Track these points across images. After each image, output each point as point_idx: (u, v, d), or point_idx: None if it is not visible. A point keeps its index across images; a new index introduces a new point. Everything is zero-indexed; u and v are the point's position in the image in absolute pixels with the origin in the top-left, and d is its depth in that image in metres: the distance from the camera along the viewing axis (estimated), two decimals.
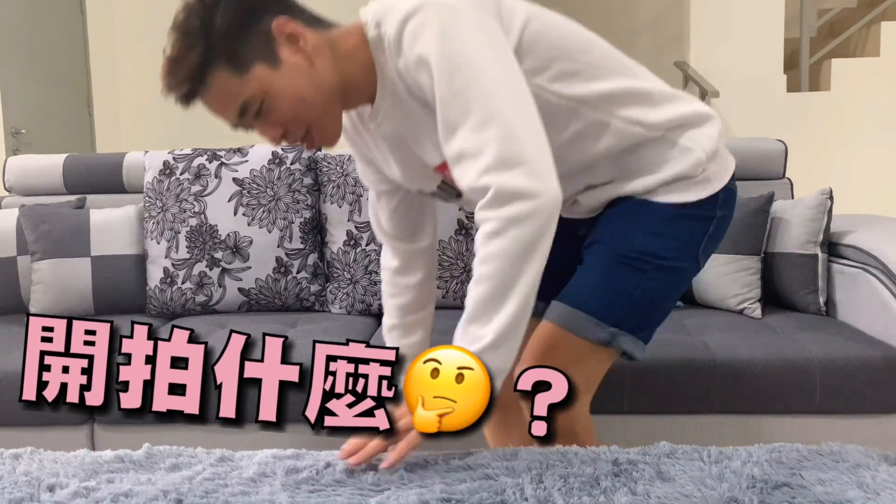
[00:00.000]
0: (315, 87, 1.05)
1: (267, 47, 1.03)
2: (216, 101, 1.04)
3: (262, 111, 1.04)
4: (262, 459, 1.02)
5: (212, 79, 1.02)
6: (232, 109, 1.04)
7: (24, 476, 0.97)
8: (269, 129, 1.06)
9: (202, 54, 1.01)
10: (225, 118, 1.06)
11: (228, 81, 1.02)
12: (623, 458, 0.97)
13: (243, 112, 1.03)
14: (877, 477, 0.88)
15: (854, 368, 1.66)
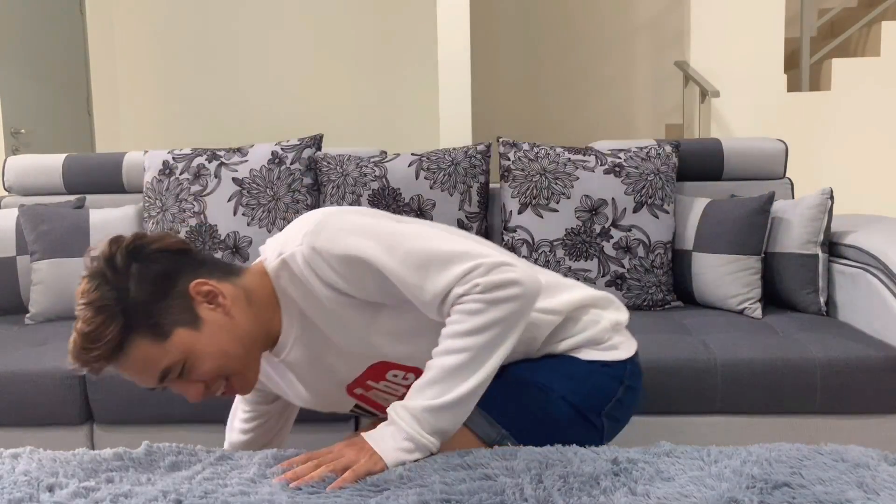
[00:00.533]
0: (237, 340, 1.06)
1: (186, 310, 1.04)
2: (135, 367, 1.02)
3: (183, 372, 1.03)
4: (262, 459, 1.02)
5: (131, 348, 1.01)
6: (152, 374, 1.02)
7: (23, 476, 0.97)
8: (190, 387, 1.04)
9: (121, 328, 1.00)
10: (142, 382, 1.04)
11: (149, 350, 1.01)
12: (623, 457, 0.96)
13: (164, 376, 1.03)
14: (877, 477, 0.88)
15: (854, 368, 1.66)
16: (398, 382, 1.18)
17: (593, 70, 5.46)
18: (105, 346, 0.99)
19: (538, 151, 2.20)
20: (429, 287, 1.03)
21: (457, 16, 3.76)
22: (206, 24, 5.14)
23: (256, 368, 1.10)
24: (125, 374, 1.04)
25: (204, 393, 1.06)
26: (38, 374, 1.75)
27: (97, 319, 0.99)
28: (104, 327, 0.99)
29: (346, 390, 1.19)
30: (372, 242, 1.04)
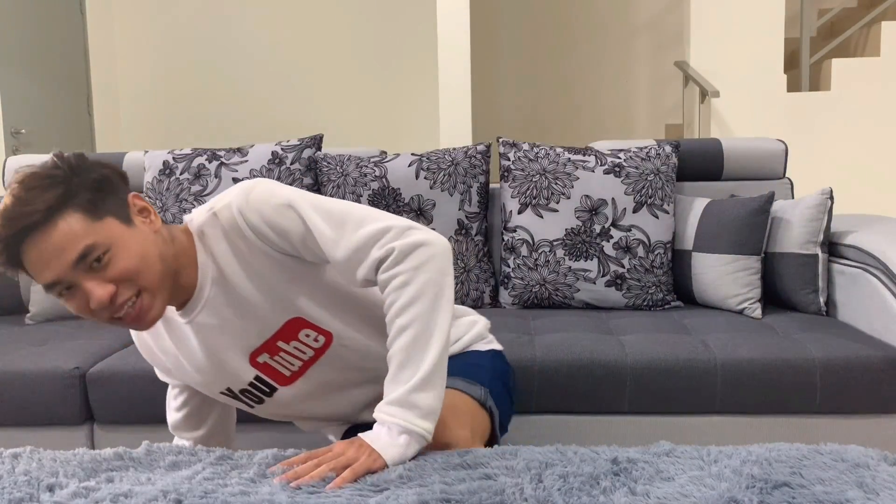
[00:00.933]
0: (157, 256, 1.09)
1: (121, 207, 1.08)
2: (58, 242, 1.01)
3: (101, 260, 1.03)
4: (262, 459, 1.02)
5: (61, 219, 1.01)
6: (73, 251, 1.01)
7: (23, 476, 0.97)
8: (99, 287, 1.03)
9: (61, 194, 1.02)
10: (59, 261, 1.02)
11: (79, 224, 1.02)
12: (623, 456, 0.96)
13: (84, 256, 1.02)
14: (877, 477, 0.88)
15: (854, 368, 1.66)
16: (308, 343, 1.20)
17: (593, 70, 5.46)
18: (42, 205, 1.00)
19: (538, 151, 2.20)
20: (344, 243, 1.09)
21: (457, 16, 3.76)
22: (206, 25, 5.14)
23: (163, 300, 1.11)
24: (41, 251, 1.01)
25: (111, 299, 1.04)
26: (38, 374, 1.75)
27: (40, 182, 1.02)
28: (44, 189, 1.01)
29: (250, 358, 1.20)
30: (299, 198, 1.12)
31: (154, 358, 1.31)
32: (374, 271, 1.09)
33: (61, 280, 1.03)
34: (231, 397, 1.28)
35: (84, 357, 1.81)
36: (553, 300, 2.13)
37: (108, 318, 1.08)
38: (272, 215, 1.12)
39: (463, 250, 2.18)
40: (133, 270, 1.05)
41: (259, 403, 1.28)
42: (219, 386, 1.26)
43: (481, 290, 2.20)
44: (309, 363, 1.22)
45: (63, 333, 2.02)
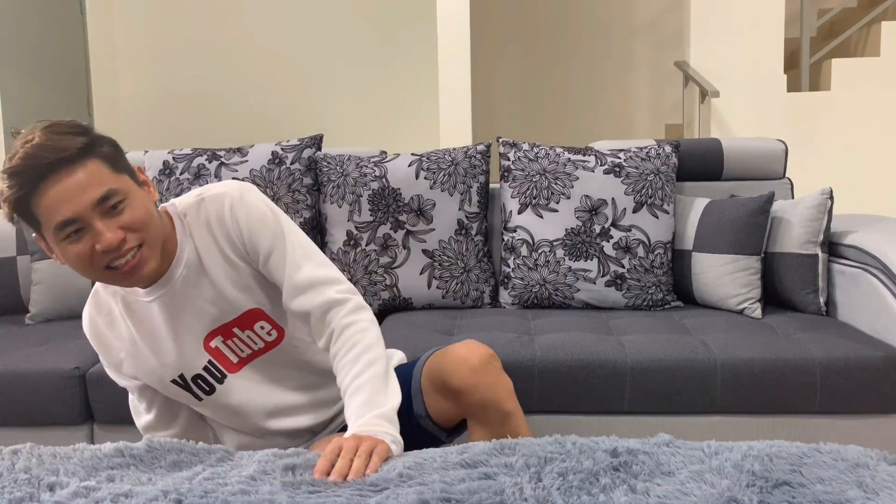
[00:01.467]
0: (156, 217, 1.19)
1: (132, 172, 1.19)
2: (84, 179, 1.09)
3: (118, 206, 1.12)
4: (263, 458, 1.02)
5: (88, 163, 1.10)
6: (96, 191, 1.09)
7: (23, 473, 0.97)
8: (112, 231, 1.11)
9: (89, 141, 1.11)
10: (82, 199, 1.09)
11: (103, 170, 1.11)
12: (622, 447, 0.96)
13: (105, 198, 1.10)
14: (876, 477, 0.88)
15: (854, 368, 1.66)
16: (261, 335, 1.29)
17: (593, 70, 5.46)
18: (73, 146, 1.08)
19: (538, 151, 2.20)
20: (306, 271, 1.22)
21: (457, 16, 3.76)
22: (206, 24, 5.14)
23: (157, 257, 1.19)
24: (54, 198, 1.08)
25: (118, 242, 1.11)
26: (38, 374, 1.75)
27: (69, 129, 1.10)
28: (75, 135, 1.10)
29: (204, 342, 1.28)
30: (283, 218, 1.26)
31: (107, 349, 1.32)
32: (323, 307, 1.22)
33: (78, 218, 1.09)
34: (182, 387, 1.31)
35: (84, 357, 1.81)
36: (553, 300, 2.13)
37: (105, 266, 1.13)
38: (257, 221, 1.23)
39: (463, 250, 2.18)
40: (143, 221, 1.14)
41: (209, 394, 1.32)
42: (172, 372, 1.30)
43: (481, 290, 2.20)
44: (257, 353, 1.30)
45: (63, 333, 2.02)
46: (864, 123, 4.11)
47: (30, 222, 1.12)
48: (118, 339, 1.31)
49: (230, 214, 1.23)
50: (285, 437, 1.36)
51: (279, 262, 1.23)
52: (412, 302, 2.18)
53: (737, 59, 4.14)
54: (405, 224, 2.17)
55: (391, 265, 2.16)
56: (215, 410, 1.35)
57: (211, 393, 1.32)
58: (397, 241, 2.17)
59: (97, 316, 1.31)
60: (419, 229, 2.17)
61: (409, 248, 2.17)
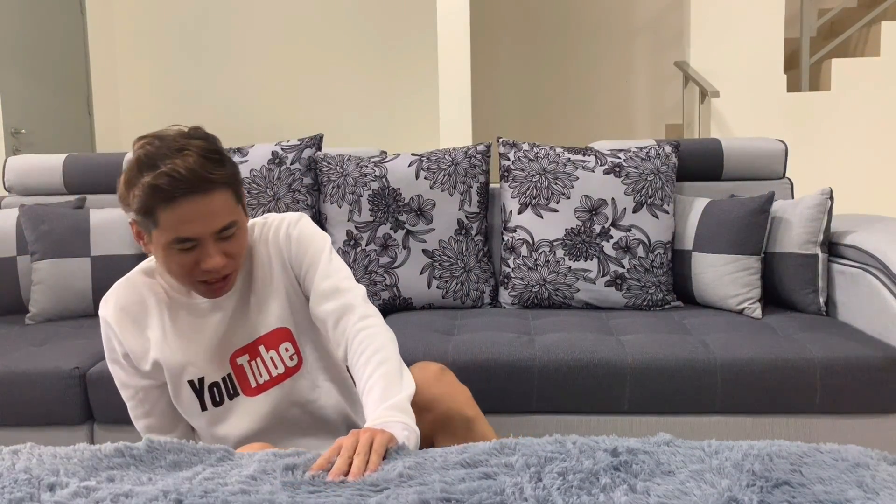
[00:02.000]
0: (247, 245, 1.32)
1: (243, 201, 1.29)
2: (216, 207, 1.19)
3: (232, 235, 1.22)
4: (263, 458, 1.02)
5: (220, 193, 1.20)
6: (223, 219, 1.20)
7: (23, 473, 0.97)
8: (219, 256, 1.21)
9: (231, 174, 1.22)
10: (209, 224, 1.19)
11: (229, 202, 1.22)
12: (622, 447, 0.96)
13: (228, 227, 1.21)
14: (876, 477, 0.88)
15: (854, 368, 1.66)
16: (284, 359, 1.35)
17: (593, 70, 5.47)
18: (218, 178, 1.18)
19: (538, 151, 2.20)
20: (332, 281, 1.31)
21: (457, 16, 3.76)
22: (206, 25, 5.14)
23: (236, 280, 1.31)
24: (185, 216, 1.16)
25: (222, 267, 1.22)
26: (38, 374, 1.75)
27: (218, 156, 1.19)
28: (221, 164, 1.19)
29: (231, 357, 1.33)
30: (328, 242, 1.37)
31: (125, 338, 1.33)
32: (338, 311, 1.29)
33: (198, 238, 1.19)
34: (195, 391, 1.33)
35: (84, 357, 1.81)
36: (553, 300, 2.13)
37: (200, 278, 1.23)
38: (308, 238, 1.35)
39: (463, 250, 2.18)
40: (243, 250, 1.26)
41: (217, 405, 1.34)
42: (194, 373, 1.32)
43: (481, 290, 2.20)
44: (276, 381, 1.34)
45: (63, 333, 2.02)
46: (864, 123, 4.11)
47: (147, 220, 1.18)
48: (146, 329, 1.32)
49: (286, 231, 1.34)
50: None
51: (313, 272, 1.32)
52: (412, 302, 2.18)
53: (737, 59, 4.15)
54: (405, 224, 2.17)
55: (391, 265, 2.16)
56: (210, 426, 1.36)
57: (219, 405, 1.34)
58: (397, 241, 2.17)
59: (128, 304, 1.33)
60: (419, 229, 2.17)
61: (409, 248, 2.17)
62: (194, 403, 1.34)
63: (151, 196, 1.14)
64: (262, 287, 1.34)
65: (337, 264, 1.34)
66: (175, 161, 1.14)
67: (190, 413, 1.36)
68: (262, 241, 1.35)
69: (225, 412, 1.34)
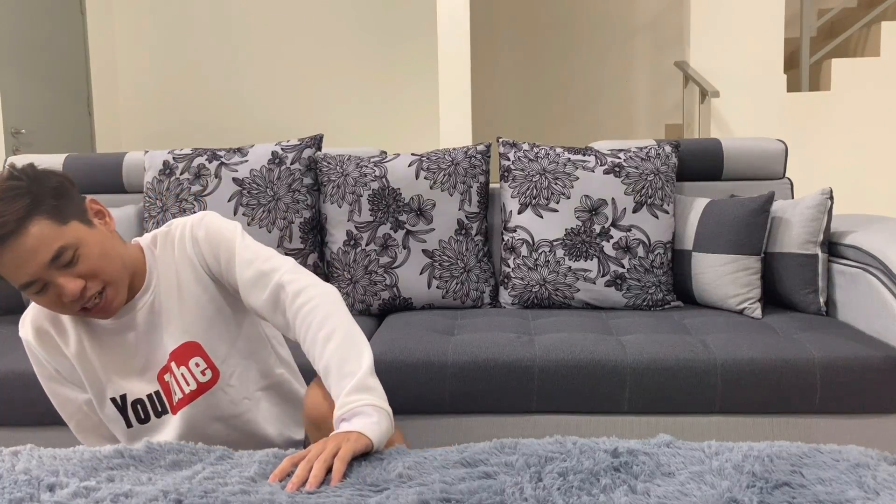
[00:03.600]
0: (115, 252, 1.21)
1: (81, 211, 1.19)
2: (31, 246, 1.10)
3: (73, 260, 1.14)
4: (262, 458, 1.02)
5: (32, 226, 1.10)
6: (46, 253, 1.11)
7: (23, 475, 0.97)
8: (71, 281, 1.13)
9: (28, 204, 1.10)
10: (34, 263, 1.11)
11: (48, 229, 1.11)
12: (623, 448, 0.96)
13: (57, 256, 1.12)
14: (877, 477, 0.88)
15: (854, 368, 1.66)
16: (195, 374, 1.29)
17: (593, 70, 5.46)
18: (11, 217, 1.08)
19: (538, 151, 2.20)
20: (253, 267, 1.25)
21: (457, 16, 3.76)
22: (206, 24, 5.14)
23: (124, 291, 1.23)
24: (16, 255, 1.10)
25: (81, 292, 1.15)
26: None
27: (6, 195, 1.09)
28: (12, 200, 1.09)
29: (158, 373, 1.29)
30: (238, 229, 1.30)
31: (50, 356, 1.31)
32: (272, 297, 1.23)
33: (37, 279, 1.13)
34: (119, 409, 1.31)
35: None
36: (553, 300, 2.13)
37: (79, 310, 1.18)
38: (215, 234, 1.28)
39: (463, 250, 2.18)
40: (99, 266, 1.16)
41: (143, 422, 1.31)
42: (115, 390, 1.29)
43: (481, 290, 2.20)
44: (189, 398, 1.29)
45: None
46: (864, 123, 4.11)
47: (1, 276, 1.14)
48: (65, 346, 1.30)
49: (190, 235, 1.28)
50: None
51: (232, 265, 1.26)
52: (412, 302, 2.18)
53: (737, 59, 4.14)
54: (405, 224, 2.17)
55: (391, 265, 2.16)
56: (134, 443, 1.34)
57: (145, 422, 1.31)
58: (397, 241, 2.17)
59: (43, 320, 1.31)
60: (419, 229, 2.17)
61: (409, 248, 2.17)
62: (119, 420, 1.31)
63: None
64: (168, 300, 1.28)
65: (253, 249, 1.27)
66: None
67: (115, 429, 1.33)
68: (167, 251, 1.30)
69: (149, 430, 1.31)
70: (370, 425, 1.03)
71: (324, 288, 1.21)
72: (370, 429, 1.03)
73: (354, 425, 1.03)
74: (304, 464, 0.95)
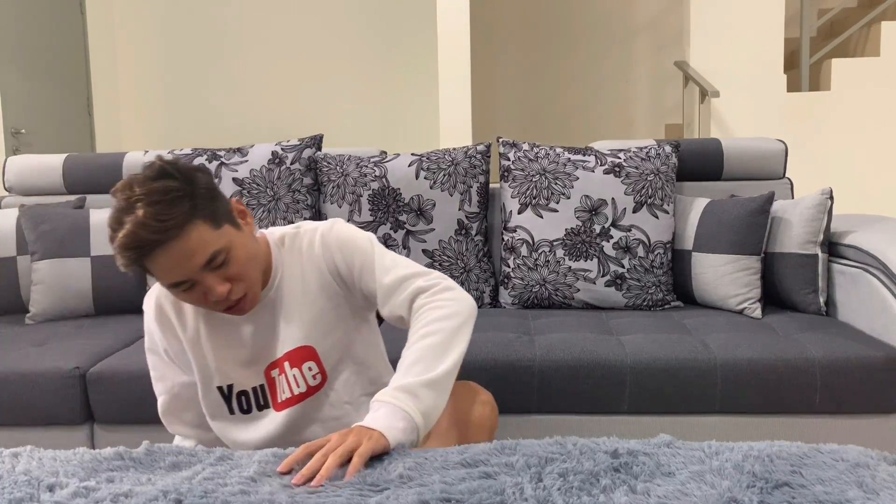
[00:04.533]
0: (257, 254, 1.25)
1: (230, 214, 1.22)
2: (188, 249, 1.13)
3: (224, 263, 1.17)
4: (262, 458, 1.02)
5: (191, 231, 1.13)
6: (202, 257, 1.14)
7: (23, 475, 0.97)
8: (219, 282, 1.17)
9: (188, 209, 1.13)
10: (188, 266, 1.14)
11: (205, 233, 1.15)
12: (623, 448, 0.96)
13: (211, 259, 1.15)
14: (877, 477, 0.88)
15: (854, 368, 1.66)
16: (307, 378, 1.30)
17: (593, 70, 5.46)
18: (173, 223, 1.11)
19: (538, 151, 2.20)
20: (395, 272, 1.25)
21: (457, 16, 3.76)
22: (206, 25, 5.14)
23: (259, 295, 1.26)
24: (164, 265, 1.13)
25: (227, 293, 1.18)
26: (38, 374, 1.75)
27: (164, 198, 1.11)
28: (173, 205, 1.11)
29: (266, 369, 1.31)
30: (372, 236, 1.32)
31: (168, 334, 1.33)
32: (409, 299, 1.23)
33: (187, 280, 1.15)
34: (224, 397, 1.32)
35: (84, 357, 1.81)
36: (553, 300, 2.13)
37: (215, 308, 1.21)
38: (349, 241, 1.29)
39: (463, 250, 2.18)
40: (246, 270, 1.20)
41: (245, 412, 1.32)
42: (223, 379, 1.31)
43: (481, 290, 2.20)
44: (298, 398, 1.31)
45: (63, 333, 2.02)
46: (864, 123, 4.11)
47: (140, 270, 1.16)
48: (182, 330, 1.32)
49: (320, 241, 1.30)
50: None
51: (370, 272, 1.27)
52: None
53: (737, 59, 4.15)
54: (405, 224, 2.17)
55: None
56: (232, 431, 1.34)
57: (247, 412, 1.33)
58: (397, 241, 2.17)
59: (165, 301, 1.32)
60: (419, 229, 2.17)
61: (409, 248, 2.17)
62: (222, 407, 1.33)
63: (124, 256, 1.12)
64: (290, 301, 1.30)
65: (392, 256, 1.28)
66: (129, 219, 1.10)
67: (214, 414, 1.34)
68: (294, 253, 1.31)
69: (250, 420, 1.33)
70: (395, 431, 1.03)
71: (459, 296, 1.22)
72: (393, 434, 1.02)
73: (379, 423, 1.03)
74: (320, 455, 0.96)
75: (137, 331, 2.05)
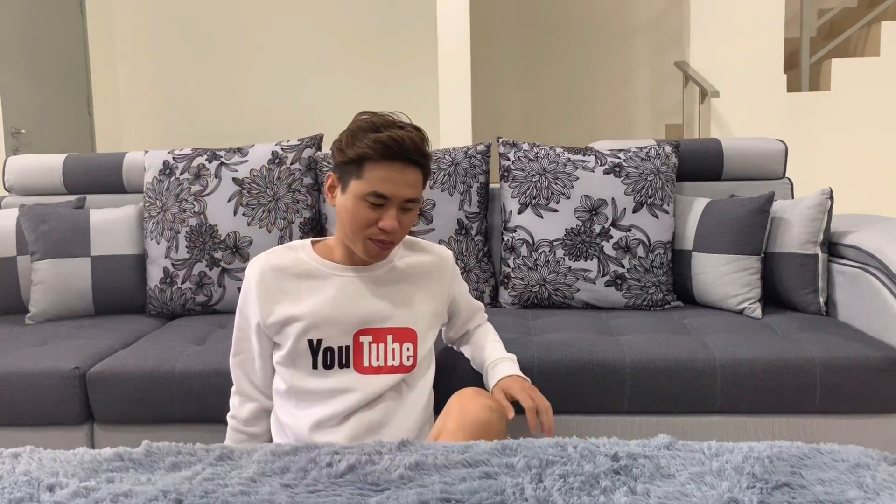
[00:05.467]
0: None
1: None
2: (414, 178, 1.38)
3: (410, 209, 1.41)
4: (261, 458, 1.02)
5: (422, 172, 1.40)
6: (413, 192, 1.38)
7: (23, 476, 0.97)
8: (395, 221, 1.38)
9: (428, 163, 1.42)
10: (402, 189, 1.37)
11: (421, 183, 1.42)
12: (623, 451, 0.96)
13: (413, 200, 1.39)
14: (877, 477, 0.88)
15: (854, 368, 1.66)
16: (402, 357, 1.47)
17: (593, 70, 5.46)
18: (426, 156, 1.39)
19: (538, 151, 2.20)
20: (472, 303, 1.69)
21: (457, 16, 3.76)
22: (206, 24, 5.14)
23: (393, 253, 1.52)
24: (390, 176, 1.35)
25: (393, 232, 1.39)
26: (38, 374, 1.75)
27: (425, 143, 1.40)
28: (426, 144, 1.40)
29: (357, 332, 1.45)
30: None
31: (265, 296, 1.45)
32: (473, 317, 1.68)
33: (391, 199, 1.36)
34: (311, 350, 1.44)
35: (84, 357, 1.81)
36: (553, 300, 2.13)
37: (372, 236, 1.39)
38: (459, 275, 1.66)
39: (463, 250, 2.18)
40: (408, 226, 1.42)
41: (327, 368, 1.44)
42: (314, 333, 1.43)
43: (481, 290, 2.20)
44: (389, 370, 1.45)
45: (63, 333, 2.02)
46: (864, 123, 4.11)
47: (350, 169, 1.36)
48: (280, 292, 1.45)
49: (452, 264, 1.59)
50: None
51: (461, 297, 1.63)
52: None
53: (737, 59, 4.15)
54: None
55: None
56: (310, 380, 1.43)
57: (329, 368, 1.44)
58: None
59: (270, 267, 1.46)
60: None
61: None
62: (307, 359, 1.44)
63: (373, 149, 1.32)
64: (411, 284, 1.50)
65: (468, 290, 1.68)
66: (400, 131, 1.33)
67: (297, 364, 1.44)
68: (435, 252, 1.56)
69: (329, 375, 1.44)
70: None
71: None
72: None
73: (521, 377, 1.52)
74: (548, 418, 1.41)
75: (137, 331, 2.05)
